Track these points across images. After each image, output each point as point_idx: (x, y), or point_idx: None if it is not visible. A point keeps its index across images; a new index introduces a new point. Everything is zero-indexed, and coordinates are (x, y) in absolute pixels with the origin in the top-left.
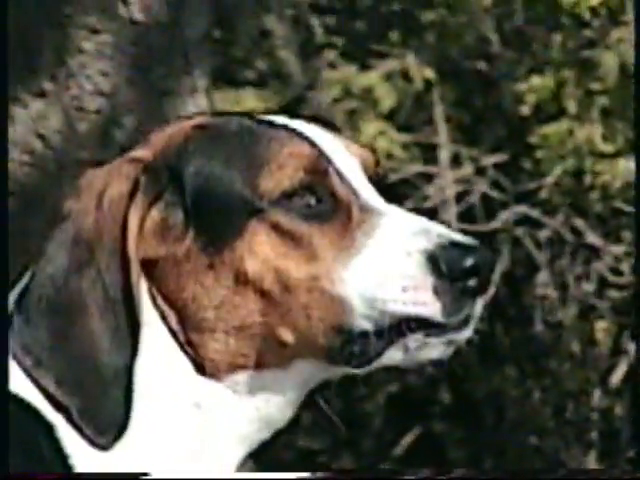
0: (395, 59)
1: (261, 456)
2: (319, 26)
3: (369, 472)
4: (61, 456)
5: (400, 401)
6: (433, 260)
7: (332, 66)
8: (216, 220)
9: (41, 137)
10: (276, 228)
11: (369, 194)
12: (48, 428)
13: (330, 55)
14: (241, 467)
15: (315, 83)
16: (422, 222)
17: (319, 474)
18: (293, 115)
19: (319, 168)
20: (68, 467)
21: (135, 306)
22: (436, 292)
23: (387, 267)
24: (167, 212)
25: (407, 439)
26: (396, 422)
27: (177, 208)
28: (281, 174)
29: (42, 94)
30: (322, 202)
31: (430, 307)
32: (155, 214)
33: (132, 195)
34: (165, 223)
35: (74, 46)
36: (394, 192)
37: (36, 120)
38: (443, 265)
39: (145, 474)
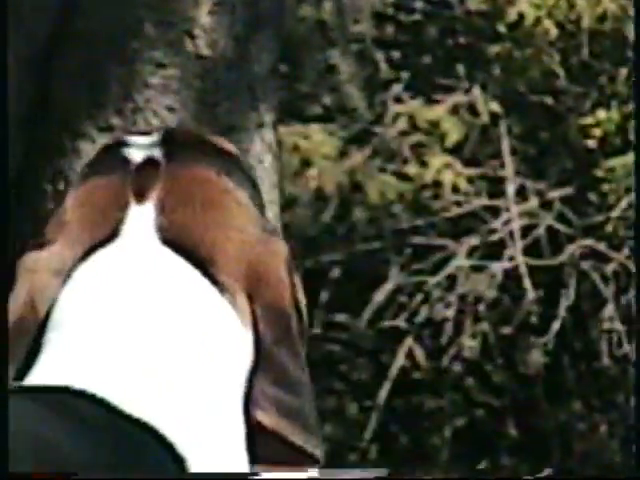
0: (461, 92)
1: None
2: (384, 60)
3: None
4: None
5: (467, 435)
6: None
7: (398, 100)
8: None
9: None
10: None
11: None
12: (178, 461)
13: (396, 89)
14: None
15: (381, 117)
16: None
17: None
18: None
19: None
20: None
21: None
22: None
23: None
24: None
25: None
26: (463, 456)
27: None
28: None
29: (109, 129)
30: None
31: None
32: None
33: None
34: None
35: (140, 80)
36: (460, 226)
37: None
38: None
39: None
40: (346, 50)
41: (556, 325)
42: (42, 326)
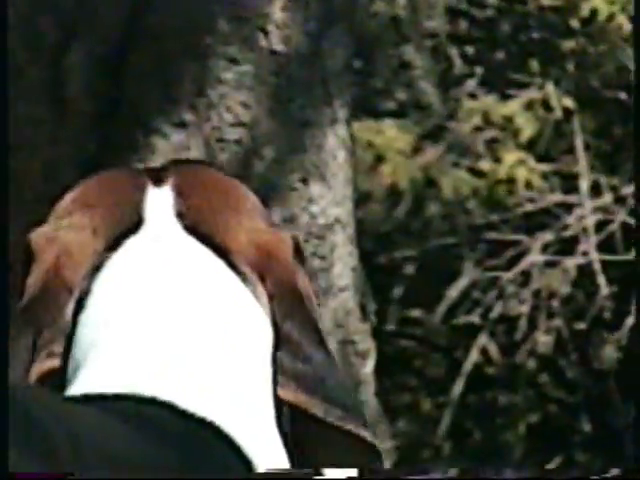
0: (535, 88)
1: None
2: (458, 56)
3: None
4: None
5: (540, 431)
6: None
7: (472, 96)
8: None
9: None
10: None
11: None
12: (245, 463)
13: (470, 85)
14: None
15: (455, 113)
16: None
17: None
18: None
19: None
20: None
21: None
22: None
23: None
24: None
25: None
26: (536, 452)
27: None
28: None
29: (183, 125)
30: None
31: None
32: None
33: None
34: None
35: (214, 77)
36: (534, 222)
37: (177, 151)
38: None
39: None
40: (420, 46)
41: (630, 320)
42: (78, 303)
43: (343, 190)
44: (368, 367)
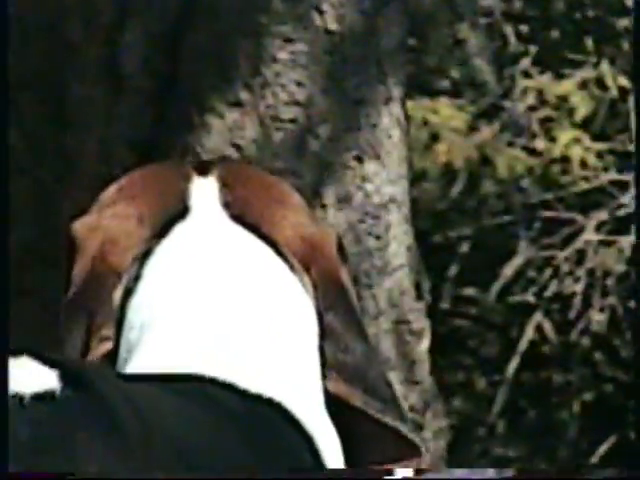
0: (590, 67)
1: (456, 465)
2: (513, 34)
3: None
4: (322, 468)
5: (595, 409)
6: None
7: (527, 74)
8: None
9: (237, 147)
10: None
11: None
12: (307, 440)
13: (524, 63)
14: None
15: (510, 91)
16: None
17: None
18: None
19: None
20: None
21: None
22: None
23: None
24: None
25: (603, 447)
26: (591, 430)
27: None
28: None
29: (238, 104)
30: None
31: None
32: None
33: None
34: None
35: (269, 55)
36: (588, 200)
37: (232, 130)
38: None
39: None
40: (475, 24)
41: None
42: (127, 293)
43: (398, 169)
44: (423, 346)
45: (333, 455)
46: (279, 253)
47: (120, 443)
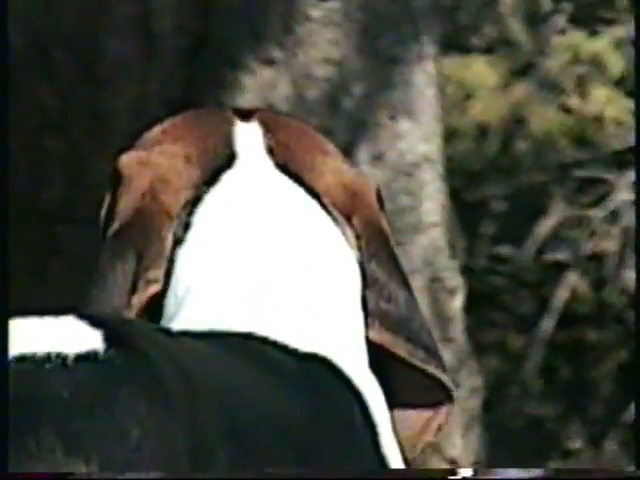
0: (623, 26)
1: (490, 423)
2: None
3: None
4: (370, 424)
5: (629, 368)
6: None
7: (561, 32)
8: None
9: (270, 105)
10: None
11: None
12: (357, 396)
13: (559, 21)
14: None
15: (544, 49)
16: None
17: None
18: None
19: None
20: (375, 436)
21: None
22: None
23: None
24: None
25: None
26: (625, 389)
27: None
28: None
29: (271, 62)
30: None
31: None
32: None
33: None
34: None
35: (302, 14)
36: (622, 159)
37: (265, 88)
38: None
39: None
40: None
41: None
42: (176, 242)
43: (431, 127)
44: (457, 304)
45: (379, 410)
46: (322, 204)
47: (163, 403)
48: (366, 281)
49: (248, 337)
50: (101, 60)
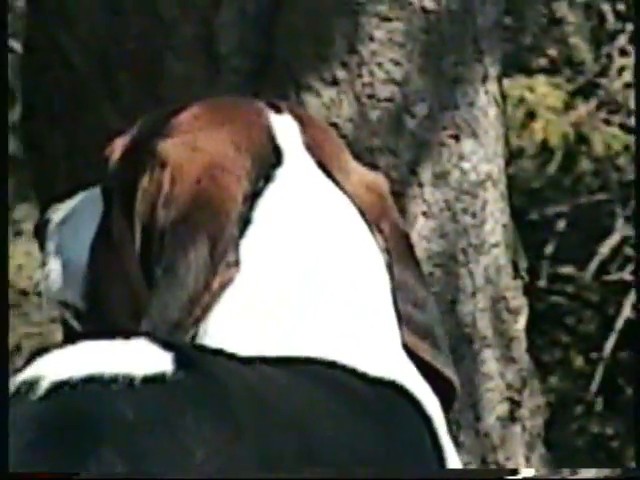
0: None
1: (555, 442)
2: (611, 12)
3: None
4: (437, 448)
5: None
6: None
7: (624, 52)
8: None
9: (333, 125)
10: None
11: None
12: (426, 420)
13: (621, 41)
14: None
15: (607, 69)
16: None
17: None
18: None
19: None
20: (442, 460)
21: None
22: None
23: None
24: None
25: None
26: None
27: None
28: None
29: (334, 82)
30: None
31: None
32: None
33: None
34: None
35: (365, 34)
36: None
37: (328, 108)
38: None
39: None
40: (572, 1)
41: None
42: (243, 223)
43: (494, 147)
44: (520, 324)
45: (443, 430)
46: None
47: (230, 427)
48: (392, 283)
49: (318, 362)
50: (165, 81)
